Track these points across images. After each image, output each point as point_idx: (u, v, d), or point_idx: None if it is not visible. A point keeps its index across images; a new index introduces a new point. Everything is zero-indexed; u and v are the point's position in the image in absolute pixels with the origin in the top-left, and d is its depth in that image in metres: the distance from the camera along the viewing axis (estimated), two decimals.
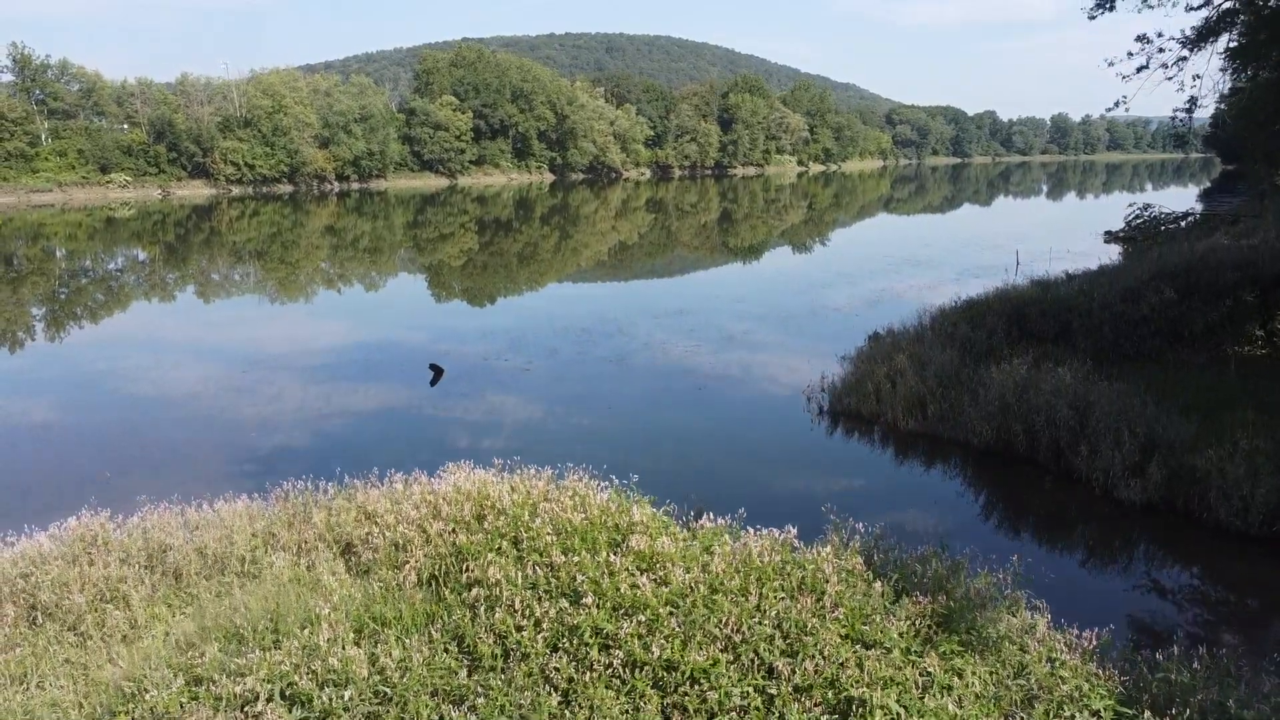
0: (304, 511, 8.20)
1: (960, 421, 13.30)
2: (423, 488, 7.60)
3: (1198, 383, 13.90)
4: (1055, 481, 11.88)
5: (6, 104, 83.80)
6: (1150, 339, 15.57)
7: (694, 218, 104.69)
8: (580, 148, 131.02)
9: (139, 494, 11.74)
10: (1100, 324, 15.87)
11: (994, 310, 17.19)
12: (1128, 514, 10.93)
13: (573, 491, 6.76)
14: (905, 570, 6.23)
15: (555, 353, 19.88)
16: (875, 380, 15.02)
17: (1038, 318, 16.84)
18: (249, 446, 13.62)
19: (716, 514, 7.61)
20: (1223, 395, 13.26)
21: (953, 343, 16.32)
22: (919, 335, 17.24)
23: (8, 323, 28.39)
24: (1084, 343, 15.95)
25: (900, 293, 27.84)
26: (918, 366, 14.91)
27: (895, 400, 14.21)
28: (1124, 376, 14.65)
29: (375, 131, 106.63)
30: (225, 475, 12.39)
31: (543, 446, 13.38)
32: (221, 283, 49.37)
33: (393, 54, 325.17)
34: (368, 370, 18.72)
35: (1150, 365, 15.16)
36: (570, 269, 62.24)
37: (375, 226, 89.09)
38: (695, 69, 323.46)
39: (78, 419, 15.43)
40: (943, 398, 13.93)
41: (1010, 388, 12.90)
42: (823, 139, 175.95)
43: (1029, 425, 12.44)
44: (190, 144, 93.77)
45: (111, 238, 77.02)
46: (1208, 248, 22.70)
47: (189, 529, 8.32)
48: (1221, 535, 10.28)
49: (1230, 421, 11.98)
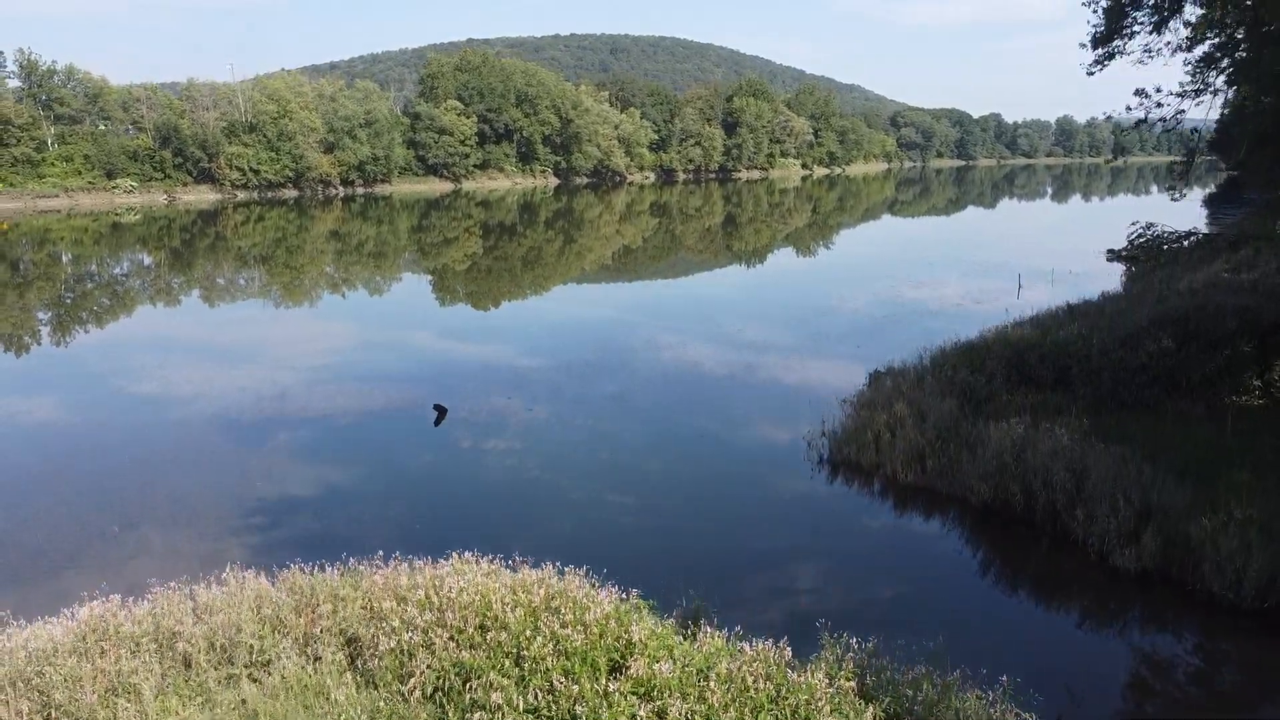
0: (310, 597, 8.36)
1: (959, 478, 13.44)
2: (427, 581, 7.75)
3: (1194, 438, 14.01)
4: (1051, 545, 12.01)
5: (13, 110, 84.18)
6: (1148, 388, 15.69)
7: (698, 221, 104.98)
8: (584, 152, 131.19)
9: (146, 551, 11.95)
10: (1099, 371, 16.00)
11: (994, 355, 17.31)
12: (1122, 582, 11.06)
13: (574, 601, 6.91)
14: (898, 694, 6.38)
15: (558, 391, 20.03)
16: (875, 429, 15.16)
17: (1037, 363, 16.96)
18: (255, 497, 13.79)
19: (718, 595, 7.77)
20: (1219, 454, 13.36)
21: (952, 389, 16.45)
22: (919, 378, 17.36)
23: (14, 326, 28.56)
24: (1083, 390, 16.08)
25: (902, 319, 27.96)
26: (917, 417, 15.05)
27: (895, 453, 14.35)
28: (1121, 427, 14.81)
29: (380, 136, 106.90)
30: (231, 531, 12.56)
31: (544, 509, 13.55)
32: (226, 287, 49.63)
33: (398, 54, 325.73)
34: (371, 409, 18.89)
35: (1148, 415, 15.28)
36: (574, 272, 62.64)
37: (380, 231, 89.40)
38: (700, 70, 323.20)
39: (84, 462, 15.63)
40: (942, 451, 14.08)
41: (1008, 447, 13.04)
42: (827, 142, 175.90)
43: (1026, 486, 12.58)
44: (196, 149, 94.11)
45: (117, 243, 77.42)
46: (1207, 282, 22.84)
47: (198, 613, 8.49)
48: (1215, 608, 10.41)
49: (1225, 484, 12.10)
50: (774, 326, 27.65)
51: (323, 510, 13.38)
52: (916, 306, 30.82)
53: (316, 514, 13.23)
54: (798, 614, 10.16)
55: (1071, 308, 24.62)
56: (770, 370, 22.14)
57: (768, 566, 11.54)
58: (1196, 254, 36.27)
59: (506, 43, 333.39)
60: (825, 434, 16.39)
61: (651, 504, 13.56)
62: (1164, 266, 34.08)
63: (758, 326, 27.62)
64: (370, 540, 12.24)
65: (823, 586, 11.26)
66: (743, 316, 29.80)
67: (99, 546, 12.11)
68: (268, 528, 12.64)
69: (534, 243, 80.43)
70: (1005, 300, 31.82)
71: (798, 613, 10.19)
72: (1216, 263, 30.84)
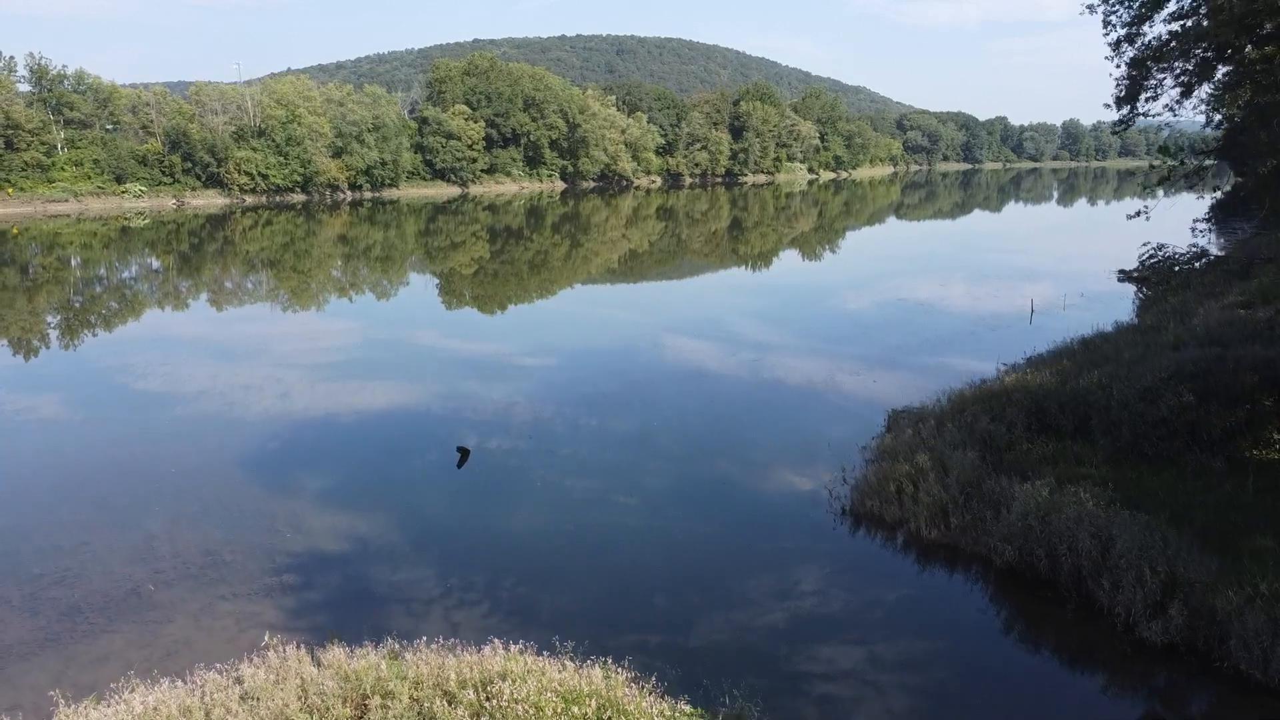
0: (356, 685, 8.49)
1: (983, 537, 13.55)
2: (475, 678, 7.88)
3: (1216, 498, 14.09)
4: (1076, 611, 12.11)
5: (24, 114, 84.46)
6: (1168, 441, 15.75)
7: (704, 225, 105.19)
8: (591, 156, 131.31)
9: (181, 611, 12.08)
10: (1119, 424, 16.07)
11: (1014, 402, 17.40)
12: (1148, 653, 11.15)
13: (625, 713, 7.03)
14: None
15: (577, 430, 20.16)
16: (898, 480, 15.28)
17: (1057, 412, 17.05)
18: (285, 551, 13.92)
19: (755, 678, 7.81)
20: (1242, 516, 13.45)
21: (973, 437, 16.55)
22: (939, 423, 17.46)
23: (23, 331, 28.61)
24: (1103, 441, 16.17)
25: (917, 348, 28.05)
26: (939, 470, 15.16)
27: (918, 508, 14.46)
28: (1143, 482, 14.91)
29: (388, 141, 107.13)
30: (264, 590, 12.69)
31: (571, 568, 13.67)
32: (234, 291, 49.83)
33: (404, 55, 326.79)
34: (392, 446, 19.04)
35: (1169, 469, 15.36)
36: (581, 276, 62.79)
37: (387, 236, 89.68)
38: (706, 71, 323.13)
39: (110, 509, 15.81)
40: (966, 508, 14.19)
41: (1033, 509, 13.13)
42: (834, 146, 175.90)
43: (1051, 550, 12.68)
44: (205, 154, 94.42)
45: (126, 247, 77.71)
46: (1222, 322, 22.88)
47: (244, 698, 8.63)
48: (1241, 685, 10.50)
49: (1249, 552, 12.20)
50: (789, 356, 27.73)
51: (354, 565, 13.51)
52: (930, 333, 30.90)
53: (347, 570, 13.36)
54: (831, 699, 10.33)
55: (1086, 342, 24.72)
56: (788, 405, 22.24)
57: (800, 644, 11.61)
58: (1208, 278, 36.34)
59: (513, 43, 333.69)
60: (846, 480, 16.53)
61: (678, 567, 13.66)
62: (1176, 291, 34.12)
63: (772, 356, 27.71)
64: (405, 601, 12.39)
65: (855, 668, 11.25)
66: (756, 345, 29.91)
67: (134, 605, 12.24)
68: (301, 587, 12.77)
69: (540, 247, 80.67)
70: (1018, 327, 31.93)
71: (831, 698, 10.34)
72: (1230, 293, 30.89)
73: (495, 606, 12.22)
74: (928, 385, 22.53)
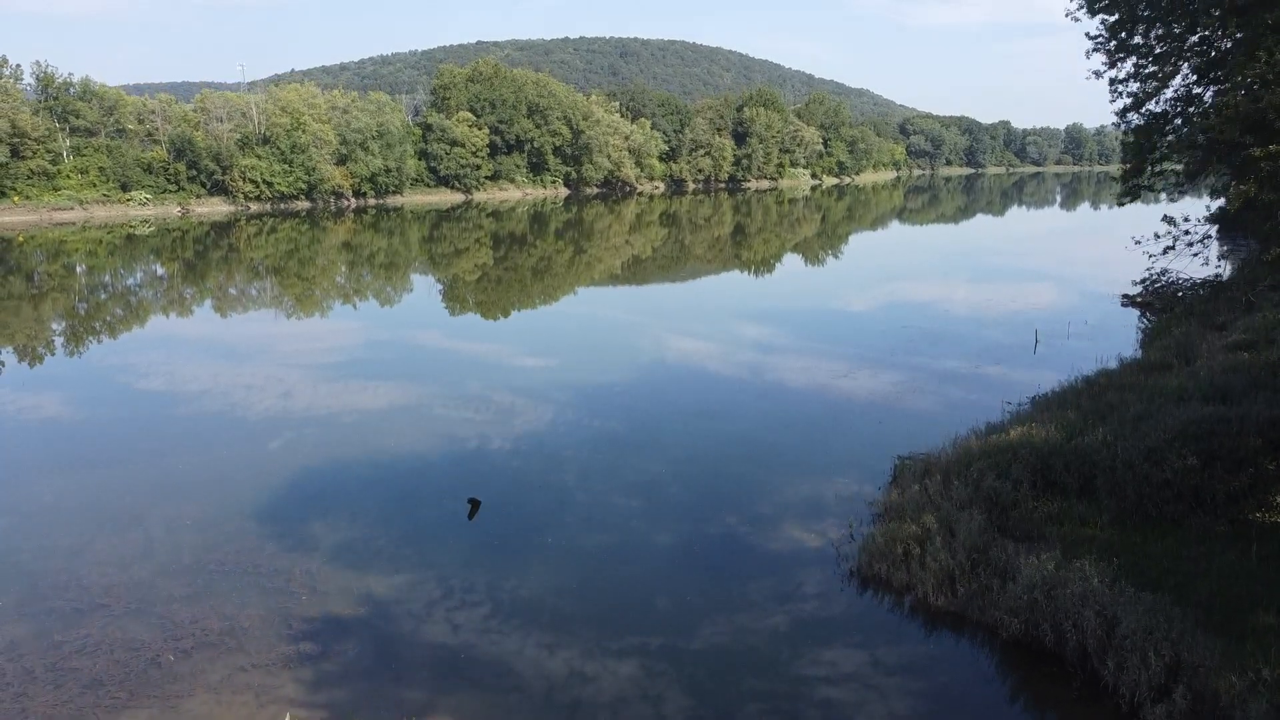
0: None
1: (989, 608, 13.75)
2: None
3: (1220, 566, 14.29)
4: (1082, 689, 12.30)
5: (29, 122, 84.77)
6: (1173, 503, 15.97)
7: (708, 231, 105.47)
8: (595, 163, 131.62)
9: (203, 684, 12.30)
10: (1124, 485, 16.28)
11: (1020, 459, 17.61)
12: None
13: None
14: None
15: (587, 476, 20.40)
16: (904, 542, 15.50)
17: (1062, 469, 17.28)
18: (301, 616, 14.12)
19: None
20: (1245, 587, 13.64)
21: (979, 495, 16.77)
22: (945, 478, 17.66)
23: (29, 338, 28.77)
24: (1108, 502, 16.40)
25: (920, 387, 28.21)
26: (946, 533, 15.37)
27: (925, 574, 14.67)
28: (1147, 547, 15.13)
29: (392, 148, 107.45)
30: (282, 660, 12.89)
31: (583, 642, 13.87)
32: (239, 297, 50.08)
33: (409, 56, 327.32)
34: (403, 498, 19.24)
35: (1173, 533, 15.57)
36: (585, 281, 62.85)
37: (391, 243, 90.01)
38: (709, 74, 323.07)
39: (129, 568, 16.03)
40: (972, 575, 14.39)
41: (1039, 582, 13.34)
42: (837, 152, 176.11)
43: (1057, 625, 12.88)
44: (210, 161, 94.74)
45: (131, 254, 78.05)
46: (1227, 367, 23.06)
47: None
48: None
49: (1253, 629, 12.40)
50: (794, 389, 27.97)
51: (369, 631, 13.73)
52: (936, 365, 31.12)
53: (363, 637, 13.57)
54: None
55: (1090, 383, 24.92)
56: (796, 448, 22.45)
57: (806, 708, 11.85)
58: (1212, 305, 36.59)
59: (516, 45, 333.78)
60: (854, 538, 16.78)
61: (687, 637, 13.88)
62: (1179, 320, 34.39)
63: (777, 389, 27.93)
64: (422, 669, 12.61)
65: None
66: (760, 374, 30.18)
67: (155, 678, 12.46)
68: (318, 657, 12.98)
69: (544, 253, 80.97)
70: (1023, 358, 32.18)
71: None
72: (1234, 325, 31.09)
73: (516, 684, 12.42)
74: (935, 425, 22.83)
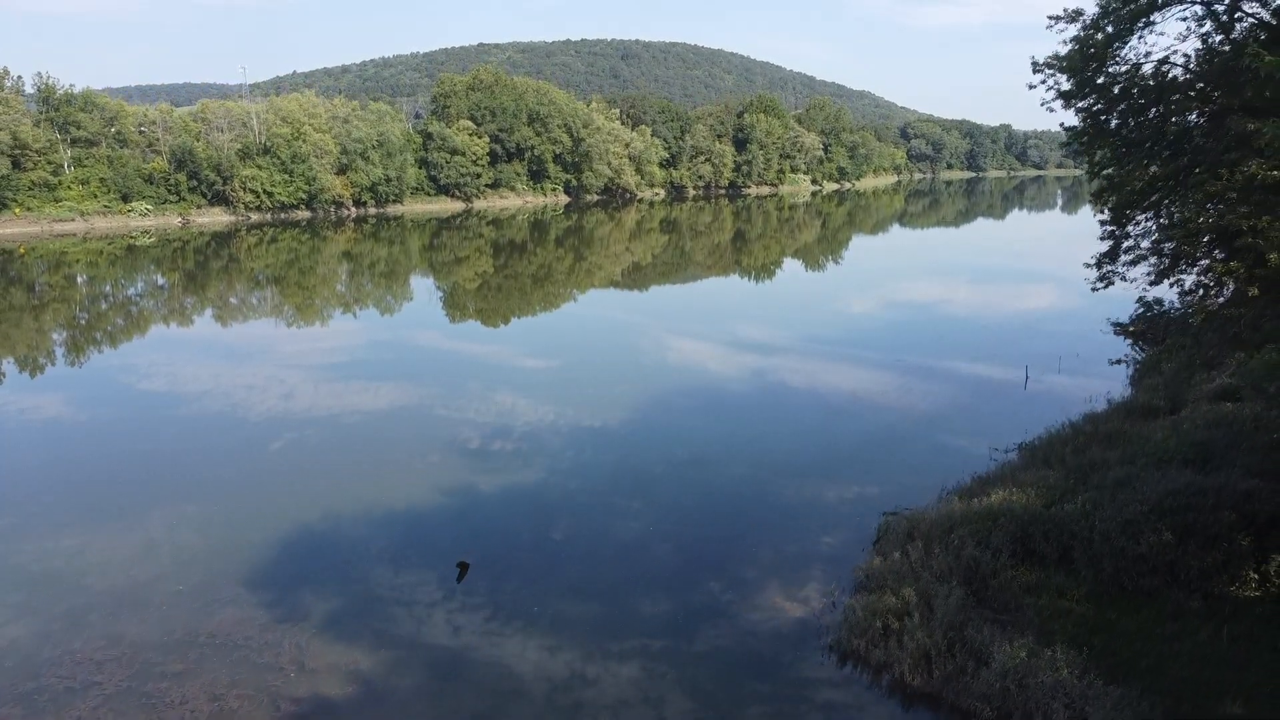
0: None
1: (964, 694, 14.03)
2: None
3: (1191, 648, 14.59)
4: None
5: (31, 133, 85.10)
6: (1148, 577, 16.28)
7: (708, 238, 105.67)
8: (595, 170, 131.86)
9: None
10: (1101, 557, 16.59)
11: (1000, 527, 17.90)
12: None
13: None
14: None
15: (575, 538, 20.69)
16: (884, 617, 15.79)
17: (1041, 539, 17.58)
18: (291, 696, 14.43)
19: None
20: (1215, 672, 13.94)
21: (959, 564, 17.06)
22: (927, 545, 17.92)
23: (28, 349, 29.03)
24: (1085, 573, 16.71)
25: (911, 429, 28.49)
26: (925, 609, 15.66)
27: (903, 653, 14.95)
28: (1122, 623, 15.44)
29: (392, 157, 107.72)
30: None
31: (571, 713, 14.18)
32: (239, 307, 50.37)
33: (410, 59, 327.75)
34: (395, 558, 19.54)
35: (1147, 607, 15.89)
36: (585, 288, 63.05)
37: (391, 251, 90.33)
38: (710, 76, 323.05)
39: (118, 648, 16.36)
40: (949, 656, 14.66)
41: (1011, 670, 13.62)
42: (837, 157, 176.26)
43: (1028, 715, 13.17)
44: (210, 172, 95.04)
45: (132, 265, 78.40)
46: (1210, 422, 23.32)
47: None
48: None
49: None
50: (785, 436, 28.19)
51: (358, 714, 14.06)
52: (927, 404, 31.42)
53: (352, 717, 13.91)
54: None
55: (1076, 430, 25.24)
56: (783, 503, 22.64)
57: None
58: (1202, 338, 36.77)
59: (518, 48, 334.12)
60: (835, 606, 17.09)
61: (667, 713, 14.21)
62: (1170, 353, 34.54)
63: (768, 436, 28.08)
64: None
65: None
66: (749, 418, 30.54)
67: None
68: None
69: (544, 261, 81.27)
70: (1014, 395, 32.49)
71: None
72: (1222, 369, 31.27)
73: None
74: (923, 474, 23.24)
